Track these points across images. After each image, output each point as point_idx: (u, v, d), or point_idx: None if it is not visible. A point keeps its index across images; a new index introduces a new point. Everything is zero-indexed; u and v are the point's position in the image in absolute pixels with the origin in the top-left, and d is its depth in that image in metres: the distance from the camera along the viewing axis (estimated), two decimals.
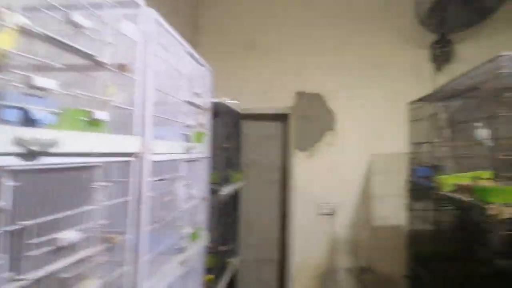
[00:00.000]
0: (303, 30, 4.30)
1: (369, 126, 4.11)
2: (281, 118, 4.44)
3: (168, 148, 1.73)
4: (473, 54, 3.78)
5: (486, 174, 2.38)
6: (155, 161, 1.56)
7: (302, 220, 4.19)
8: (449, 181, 2.38)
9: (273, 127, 4.61)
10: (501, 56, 1.76)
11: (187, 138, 2.00)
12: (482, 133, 2.73)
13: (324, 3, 4.29)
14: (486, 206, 1.71)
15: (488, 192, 1.79)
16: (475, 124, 2.77)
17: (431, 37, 4.11)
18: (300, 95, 4.28)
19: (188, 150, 1.96)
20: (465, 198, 2.05)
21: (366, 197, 4.13)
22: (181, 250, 1.83)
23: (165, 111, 1.82)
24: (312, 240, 4.17)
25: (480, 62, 2.43)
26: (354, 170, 4.15)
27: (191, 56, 2.10)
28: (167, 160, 1.73)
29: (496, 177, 2.40)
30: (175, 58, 1.90)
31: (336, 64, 4.22)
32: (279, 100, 4.29)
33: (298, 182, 4.24)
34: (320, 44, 4.26)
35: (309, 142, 4.27)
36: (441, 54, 4.19)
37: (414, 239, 3.49)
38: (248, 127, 4.48)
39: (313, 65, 4.26)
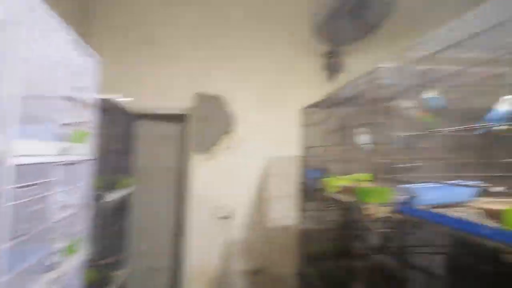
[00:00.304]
0: (205, 31, 4.24)
1: (267, 130, 4.21)
2: (180, 119, 4.31)
3: (38, 149, 1.51)
4: (359, 65, 4.12)
5: (366, 176, 2.60)
6: (19, 165, 1.34)
7: (199, 225, 4.11)
8: (334, 183, 2.53)
9: (171, 128, 4.45)
10: (379, 67, 1.93)
11: (64, 138, 1.78)
12: (363, 138, 2.97)
13: (225, 9, 4.29)
14: (363, 206, 1.84)
15: (366, 193, 1.93)
16: (358, 130, 3.01)
17: (324, 48, 4.37)
18: (200, 96, 4.20)
19: (64, 152, 1.74)
20: (347, 199, 2.19)
21: (262, 200, 4.21)
22: (52, 266, 1.61)
23: (36, 106, 1.59)
24: (209, 244, 4.11)
25: (364, 73, 2.65)
26: (251, 173, 4.21)
27: (76, 44, 1.88)
28: (37, 163, 1.51)
29: (374, 179, 2.63)
30: (53, 45, 1.68)
31: (236, 68, 4.25)
32: (177, 100, 4.16)
33: (195, 186, 4.15)
34: (221, 47, 4.25)
35: (207, 145, 4.21)
36: (332, 64, 4.49)
37: (305, 239, 3.66)
38: (143, 128, 4.25)
39: (214, 67, 4.23)
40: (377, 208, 1.81)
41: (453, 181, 1.58)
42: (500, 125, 1.65)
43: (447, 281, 2.09)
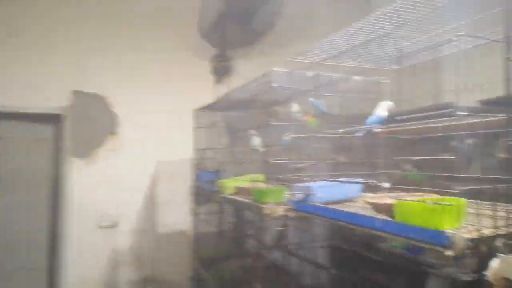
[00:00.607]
0: (84, 26, 3.86)
1: (156, 132, 4.02)
2: (54, 119, 3.84)
3: None
4: (248, 70, 4.23)
5: (260, 177, 2.67)
6: None
7: (80, 235, 3.72)
8: (230, 184, 2.54)
9: (45, 130, 3.94)
10: (272, 71, 1.99)
11: None
12: (255, 140, 3.06)
13: (113, 5, 3.97)
14: (262, 206, 1.89)
15: (262, 193, 1.98)
16: (250, 132, 3.09)
17: (213, 51, 4.38)
18: (78, 94, 3.81)
19: None
20: (244, 199, 2.22)
21: (151, 205, 4.02)
22: None
23: None
24: (92, 256, 3.76)
25: (254, 77, 2.73)
26: (140, 177, 3.98)
27: None
28: None
29: (267, 179, 2.73)
30: None
31: (121, 67, 3.97)
32: (52, 98, 3.70)
33: (75, 193, 3.74)
34: (104, 44, 3.91)
35: (88, 148, 3.85)
36: (221, 68, 4.52)
37: (199, 243, 3.61)
38: (9, 130, 3.68)
39: (95, 64, 3.88)
40: (274, 207, 1.86)
41: (341, 179, 1.72)
42: (377, 128, 1.86)
43: (333, 270, 2.27)
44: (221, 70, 4.54)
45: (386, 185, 1.21)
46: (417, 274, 1.68)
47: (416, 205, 1.07)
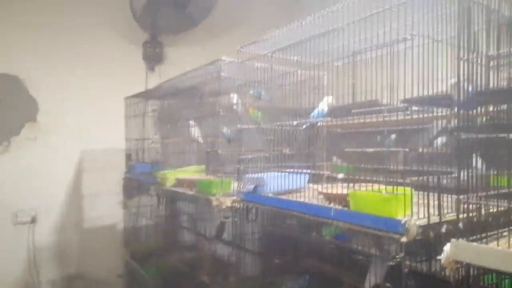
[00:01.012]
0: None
1: (82, 120, 3.73)
2: None
3: None
4: (182, 58, 4.12)
5: (200, 168, 2.63)
6: None
7: None
8: (170, 176, 2.46)
9: None
10: (222, 60, 1.96)
11: None
12: (195, 131, 3.00)
13: None
14: (210, 198, 1.86)
15: (208, 185, 1.95)
16: (190, 122, 3.02)
17: (145, 36, 4.18)
18: None
19: None
20: (187, 191, 2.17)
21: (78, 198, 3.74)
22: None
23: None
24: (7, 255, 3.40)
25: (188, 66, 2.65)
26: (63, 168, 3.67)
27: None
28: None
29: (208, 170, 2.69)
30: None
31: (42, 49, 3.58)
32: None
33: None
34: (22, 22, 3.51)
35: (2, 136, 3.46)
36: (153, 55, 4.33)
37: (132, 237, 3.46)
38: None
39: (11, 42, 3.47)
40: (222, 198, 1.85)
41: (291, 170, 1.76)
42: (320, 121, 1.94)
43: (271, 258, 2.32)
44: (153, 57, 4.36)
45: (340, 175, 1.26)
46: (345, 260, 1.80)
47: (371, 195, 1.14)
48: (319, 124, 1.94)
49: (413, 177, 1.19)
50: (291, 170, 1.78)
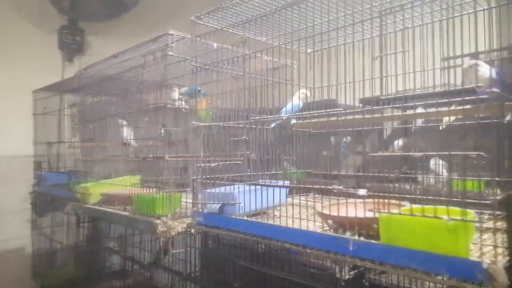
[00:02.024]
0: None
1: None
2: None
3: None
4: (107, 49, 3.47)
5: (136, 179, 2.09)
6: None
7: None
8: (94, 190, 1.89)
9: None
10: (169, 34, 1.46)
11: None
12: (126, 132, 2.44)
13: None
14: (154, 221, 1.36)
15: (152, 202, 1.45)
16: (119, 121, 2.45)
17: (62, 21, 3.49)
18: None
19: None
20: (119, 211, 1.62)
21: None
22: None
23: None
24: None
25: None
26: None
27: None
28: None
29: (143, 182, 2.15)
30: None
31: None
32: None
33: None
34: None
35: None
36: (72, 43, 3.65)
37: (43, 264, 2.77)
38: None
39: None
40: (171, 222, 1.36)
41: (260, 182, 1.34)
42: (290, 118, 1.55)
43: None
44: (72, 46, 3.67)
45: (362, 191, 0.88)
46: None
47: (422, 222, 0.76)
48: (292, 122, 1.55)
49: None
50: (262, 181, 1.35)
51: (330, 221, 0.91)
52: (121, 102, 2.51)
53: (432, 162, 1.93)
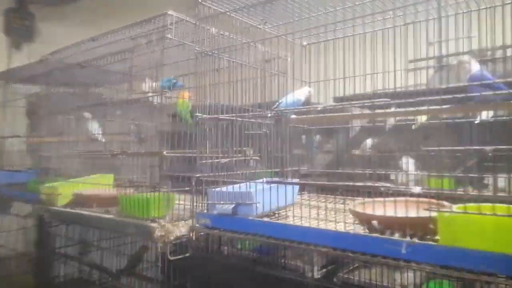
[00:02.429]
0: None
1: None
2: None
3: None
4: (61, 37, 3.16)
5: (109, 177, 1.88)
6: None
7: None
8: (65, 190, 1.66)
9: None
10: (167, 15, 1.29)
11: None
12: (93, 126, 2.22)
13: None
14: (150, 225, 1.20)
15: (146, 203, 1.28)
16: (85, 114, 2.22)
17: (9, 2, 3.14)
18: None
19: None
20: (103, 214, 1.43)
21: None
22: None
23: None
24: None
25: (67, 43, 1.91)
26: None
27: None
28: None
29: (116, 182, 1.94)
30: None
31: None
32: None
33: None
34: None
35: None
36: (20, 28, 3.30)
37: None
38: None
39: None
40: (170, 225, 1.21)
41: (269, 180, 1.24)
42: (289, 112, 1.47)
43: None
44: (20, 31, 3.32)
45: (417, 189, 0.81)
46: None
47: (492, 220, 0.71)
48: (294, 116, 1.46)
49: None
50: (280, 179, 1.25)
51: (374, 222, 0.84)
52: (90, 94, 2.28)
53: (403, 160, 1.96)
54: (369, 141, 2.20)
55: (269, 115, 1.53)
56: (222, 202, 1.10)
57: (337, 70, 1.48)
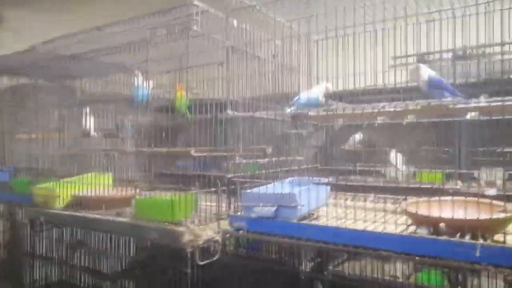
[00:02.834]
0: None
1: None
2: None
3: None
4: (29, 26, 2.93)
5: (106, 177, 1.74)
6: None
7: None
8: (62, 191, 1.51)
9: None
10: (193, 5, 1.20)
11: None
12: (89, 121, 2.07)
13: None
14: (176, 229, 1.11)
15: (167, 206, 1.19)
16: (85, 109, 2.06)
17: None
18: None
19: None
20: (115, 218, 1.31)
21: None
22: None
23: None
24: None
25: (39, 37, 1.76)
26: None
27: None
28: None
29: (115, 181, 1.81)
30: None
31: None
32: None
33: None
34: None
35: None
36: None
37: None
38: None
39: None
40: (197, 229, 1.13)
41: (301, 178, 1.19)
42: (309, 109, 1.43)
43: None
44: None
45: (491, 191, 0.80)
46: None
47: None
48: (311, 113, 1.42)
49: None
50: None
51: (442, 225, 0.81)
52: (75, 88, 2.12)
53: (391, 155, 1.99)
54: (357, 136, 2.21)
55: (288, 110, 1.48)
56: (261, 205, 1.04)
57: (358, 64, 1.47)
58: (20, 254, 2.23)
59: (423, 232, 0.84)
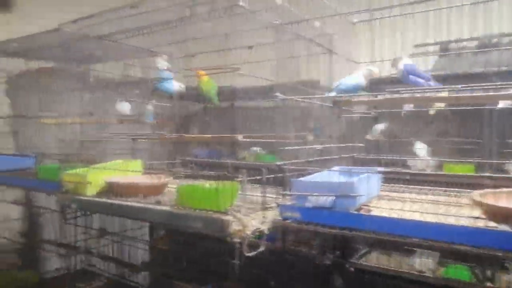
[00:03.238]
0: None
1: None
2: None
3: None
4: (44, 9, 2.84)
5: (135, 163, 1.69)
6: None
7: None
8: (94, 178, 1.46)
9: None
10: None
11: None
12: (124, 106, 2.02)
13: None
14: (223, 218, 1.06)
15: (214, 194, 1.13)
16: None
17: None
18: None
19: None
20: (156, 206, 1.26)
21: None
22: None
23: None
24: None
25: (54, 21, 1.69)
26: None
27: None
28: None
29: (146, 168, 1.76)
30: None
31: None
32: None
33: None
34: None
35: None
36: None
37: None
38: None
39: None
40: (245, 219, 1.08)
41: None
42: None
43: None
44: None
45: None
46: None
47: None
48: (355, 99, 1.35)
49: None
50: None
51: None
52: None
53: (417, 146, 1.93)
54: (380, 126, 2.15)
55: (330, 94, 1.42)
56: (316, 194, 0.98)
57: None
58: (42, 242, 2.20)
59: (504, 227, 0.78)
